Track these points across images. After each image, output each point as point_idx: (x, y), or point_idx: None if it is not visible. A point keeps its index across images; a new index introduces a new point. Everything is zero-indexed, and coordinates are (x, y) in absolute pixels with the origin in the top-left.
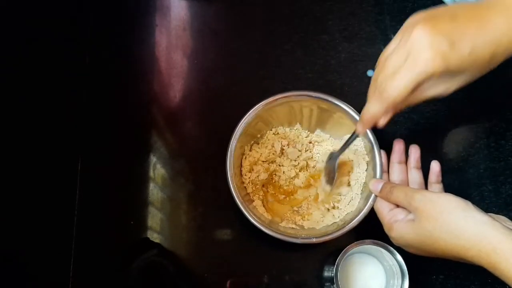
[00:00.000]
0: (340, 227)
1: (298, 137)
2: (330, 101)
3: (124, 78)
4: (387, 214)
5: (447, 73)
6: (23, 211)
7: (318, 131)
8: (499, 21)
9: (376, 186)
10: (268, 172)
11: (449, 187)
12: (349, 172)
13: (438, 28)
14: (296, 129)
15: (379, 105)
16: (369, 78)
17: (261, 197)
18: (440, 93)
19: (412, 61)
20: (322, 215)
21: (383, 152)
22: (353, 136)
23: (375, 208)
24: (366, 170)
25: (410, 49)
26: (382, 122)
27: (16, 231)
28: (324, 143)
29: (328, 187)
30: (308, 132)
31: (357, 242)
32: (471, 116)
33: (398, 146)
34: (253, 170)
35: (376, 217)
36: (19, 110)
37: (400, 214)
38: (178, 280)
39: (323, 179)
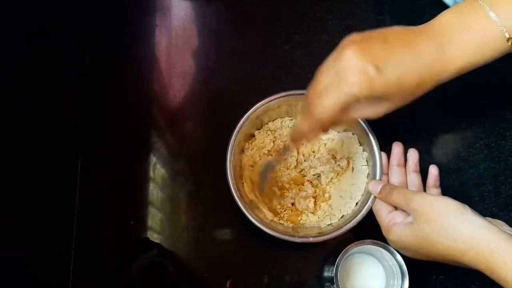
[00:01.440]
0: (339, 226)
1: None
2: None
3: (124, 78)
4: (385, 216)
5: (373, 97)
6: (23, 211)
7: None
8: (429, 46)
9: (375, 187)
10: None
11: (449, 187)
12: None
13: (368, 52)
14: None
15: (307, 123)
16: None
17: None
18: (369, 116)
19: (339, 83)
20: (321, 214)
21: (383, 154)
22: (285, 150)
23: (374, 210)
24: (367, 170)
25: (338, 70)
26: (311, 138)
27: (16, 231)
28: (324, 136)
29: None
30: None
31: (357, 242)
32: (471, 116)
33: (397, 149)
34: (253, 168)
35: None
36: (19, 110)
37: (398, 216)
38: (178, 280)
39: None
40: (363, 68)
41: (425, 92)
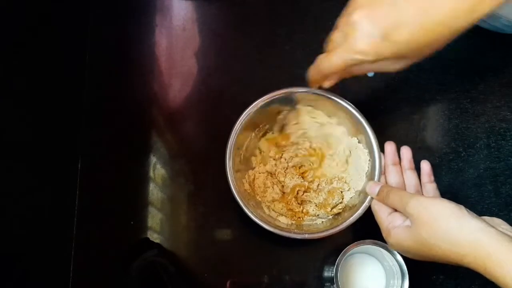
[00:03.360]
0: (336, 225)
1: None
2: (330, 98)
3: (124, 78)
4: (385, 219)
5: (383, 59)
6: (23, 211)
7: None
8: (445, 2)
9: (373, 189)
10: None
11: (449, 187)
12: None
13: (375, 16)
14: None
15: (316, 71)
16: (369, 78)
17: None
18: (384, 71)
19: (347, 45)
20: (320, 212)
21: (382, 155)
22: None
23: (373, 210)
24: (366, 170)
25: (347, 32)
26: (325, 84)
27: (16, 231)
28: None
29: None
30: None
31: (357, 242)
32: (471, 116)
33: (389, 147)
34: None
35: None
36: (19, 110)
37: (398, 219)
38: (178, 280)
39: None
40: (370, 35)
41: (443, 46)
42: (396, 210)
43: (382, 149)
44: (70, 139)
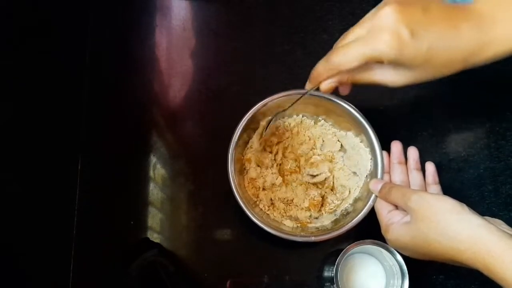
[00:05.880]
0: (340, 226)
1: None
2: (331, 100)
3: (124, 78)
4: (385, 216)
5: (398, 61)
6: (23, 211)
7: (322, 121)
8: (470, 27)
9: (376, 186)
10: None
11: (449, 187)
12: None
13: (406, 14)
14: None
15: (324, 66)
16: None
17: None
18: (387, 82)
19: (370, 37)
20: (322, 213)
21: (384, 153)
22: (305, 93)
23: (375, 209)
24: (369, 168)
25: (372, 25)
26: (324, 85)
27: (16, 231)
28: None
29: (256, 143)
30: (312, 121)
31: (357, 242)
32: (471, 116)
33: (396, 147)
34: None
35: (376, 217)
36: (19, 110)
37: (397, 216)
38: (178, 280)
39: (256, 135)
40: (398, 30)
41: (448, 74)
42: (397, 208)
43: (384, 149)
44: (70, 139)
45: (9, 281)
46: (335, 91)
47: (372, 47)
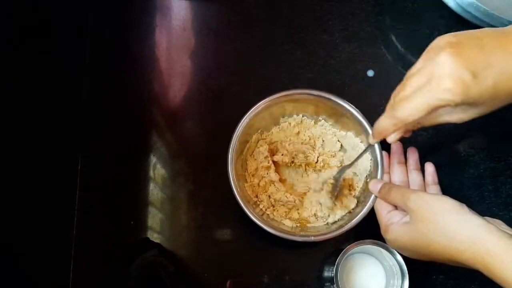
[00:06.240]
0: (340, 226)
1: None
2: (331, 99)
3: (124, 78)
4: (384, 216)
5: (465, 103)
6: (23, 211)
7: (322, 121)
8: None
9: (375, 186)
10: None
11: (449, 187)
12: (350, 185)
13: (464, 57)
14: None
15: (390, 121)
16: (369, 78)
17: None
18: (454, 121)
19: (432, 86)
20: (322, 213)
21: (384, 153)
22: (367, 148)
23: (375, 209)
24: (369, 169)
25: (432, 73)
26: (391, 138)
27: (16, 231)
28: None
29: (329, 202)
30: (312, 121)
31: (357, 242)
32: None
33: (395, 147)
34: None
35: (376, 218)
36: (19, 110)
37: (396, 216)
38: (178, 280)
39: (325, 193)
40: (460, 75)
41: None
42: (396, 208)
43: (383, 149)
44: (70, 139)
45: (9, 281)
46: None
47: (436, 96)
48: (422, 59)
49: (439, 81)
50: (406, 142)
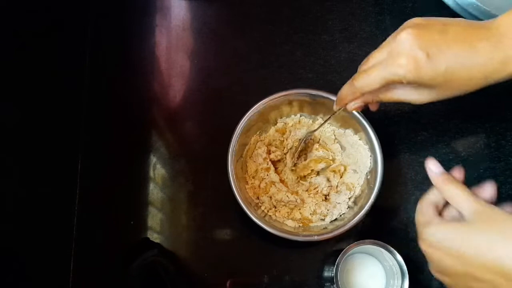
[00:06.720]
0: (341, 225)
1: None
2: (328, 98)
3: (124, 78)
4: (430, 206)
5: (418, 82)
6: (23, 211)
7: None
8: (487, 45)
9: (436, 167)
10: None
11: None
12: (339, 171)
13: (423, 37)
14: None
15: (349, 89)
16: None
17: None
18: (411, 100)
19: (388, 61)
20: (322, 212)
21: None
22: (332, 116)
23: (421, 201)
24: (369, 165)
25: (391, 50)
26: (350, 106)
27: (16, 231)
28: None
29: (290, 163)
30: (310, 120)
31: (357, 242)
32: (471, 116)
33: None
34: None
35: (377, 217)
36: (19, 110)
37: (453, 211)
38: (178, 280)
39: (289, 156)
40: (415, 53)
41: (472, 90)
42: (441, 214)
43: (383, 149)
44: (70, 139)
45: (9, 281)
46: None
47: (390, 70)
48: (390, 37)
49: (395, 57)
50: (406, 142)
